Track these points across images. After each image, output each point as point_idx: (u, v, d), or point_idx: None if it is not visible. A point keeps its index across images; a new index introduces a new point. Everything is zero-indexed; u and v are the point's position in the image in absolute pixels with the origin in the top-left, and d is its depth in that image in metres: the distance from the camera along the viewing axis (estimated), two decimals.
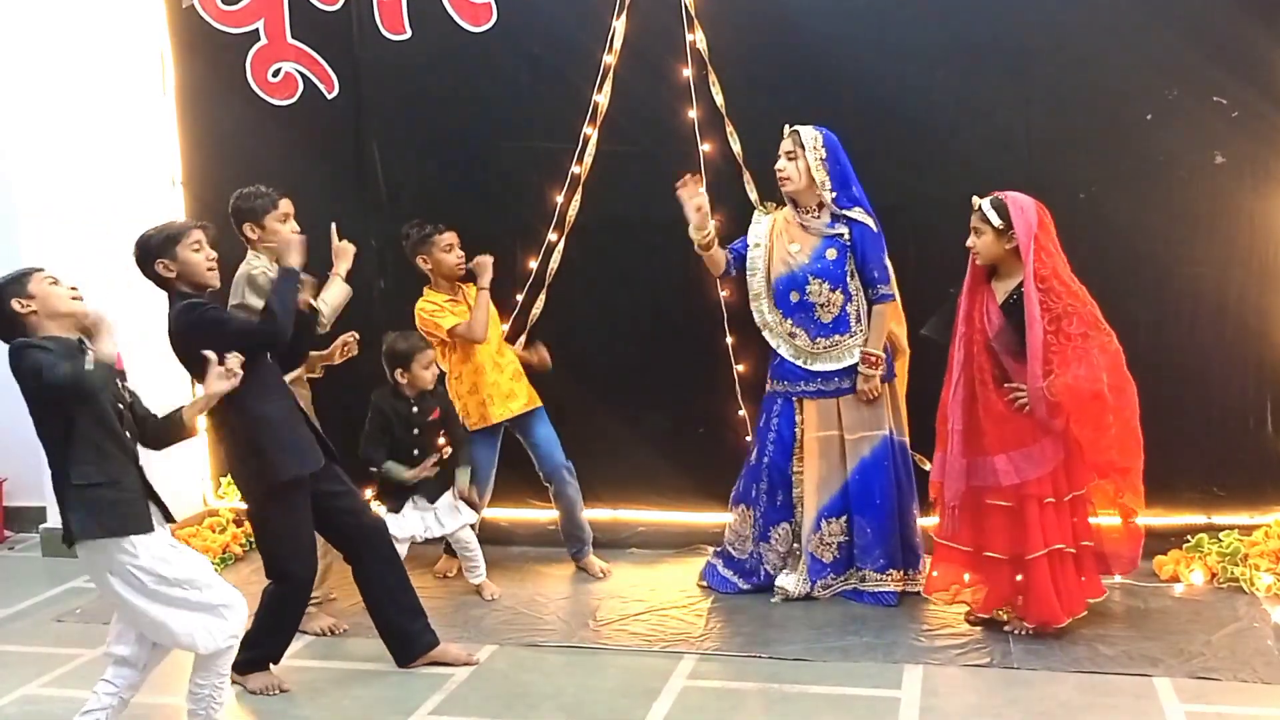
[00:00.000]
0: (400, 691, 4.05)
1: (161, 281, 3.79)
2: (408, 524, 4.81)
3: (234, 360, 3.56)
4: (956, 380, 4.35)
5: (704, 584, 4.96)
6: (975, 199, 4.26)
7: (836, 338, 4.64)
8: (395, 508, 4.80)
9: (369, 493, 5.57)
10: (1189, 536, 4.91)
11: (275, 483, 3.91)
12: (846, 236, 4.63)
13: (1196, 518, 5.00)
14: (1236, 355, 4.92)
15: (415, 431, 4.77)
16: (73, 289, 3.39)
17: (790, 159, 4.61)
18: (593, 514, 5.39)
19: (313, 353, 4.49)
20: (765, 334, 4.74)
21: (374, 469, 4.73)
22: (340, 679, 4.17)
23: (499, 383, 5.03)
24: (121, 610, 3.44)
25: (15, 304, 3.33)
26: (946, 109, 4.94)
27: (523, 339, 5.29)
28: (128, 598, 3.35)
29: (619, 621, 4.62)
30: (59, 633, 4.68)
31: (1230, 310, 4.89)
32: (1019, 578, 4.30)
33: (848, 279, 4.64)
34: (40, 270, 3.41)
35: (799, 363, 4.68)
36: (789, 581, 4.75)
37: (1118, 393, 4.16)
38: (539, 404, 5.14)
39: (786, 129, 4.63)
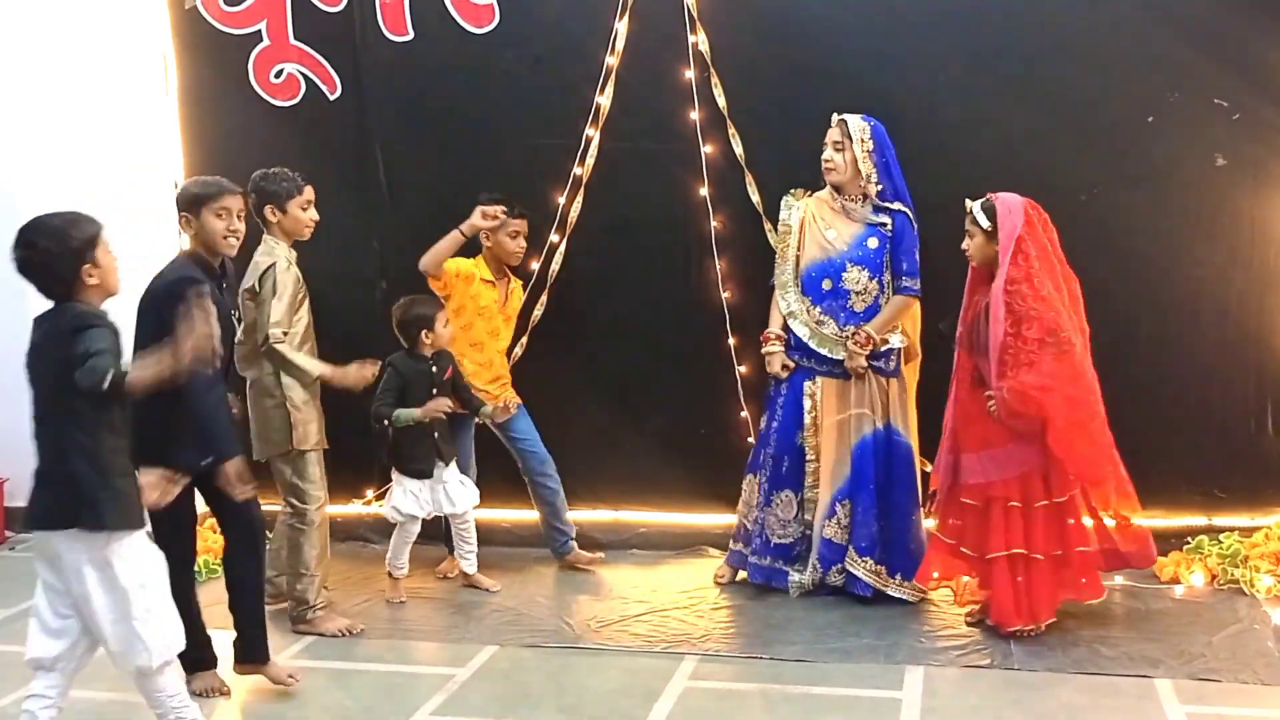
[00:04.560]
0: (401, 691, 4.05)
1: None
2: (421, 501, 4.83)
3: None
4: (953, 379, 4.43)
5: (723, 577, 4.98)
6: (968, 201, 4.30)
7: (862, 325, 4.65)
8: (425, 471, 4.81)
9: (370, 493, 5.61)
10: (1189, 538, 4.92)
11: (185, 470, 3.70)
12: (889, 227, 4.65)
13: (1197, 519, 5.00)
14: (1237, 357, 4.92)
15: (435, 390, 4.78)
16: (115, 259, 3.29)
17: (838, 150, 4.63)
18: (594, 515, 5.40)
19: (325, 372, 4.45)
20: (791, 322, 4.75)
21: (385, 421, 4.70)
22: (341, 679, 4.17)
23: (478, 374, 5.02)
24: (87, 607, 3.25)
25: (85, 273, 3.20)
26: (948, 111, 4.94)
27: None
28: (104, 592, 3.22)
29: (620, 622, 4.62)
30: None
31: (1231, 312, 4.90)
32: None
33: (884, 270, 4.66)
34: (102, 228, 3.25)
35: (823, 351, 4.69)
36: (803, 576, 4.78)
37: (1071, 404, 4.13)
38: (518, 402, 5.14)
39: (835, 118, 4.64)
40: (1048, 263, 4.20)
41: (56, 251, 3.20)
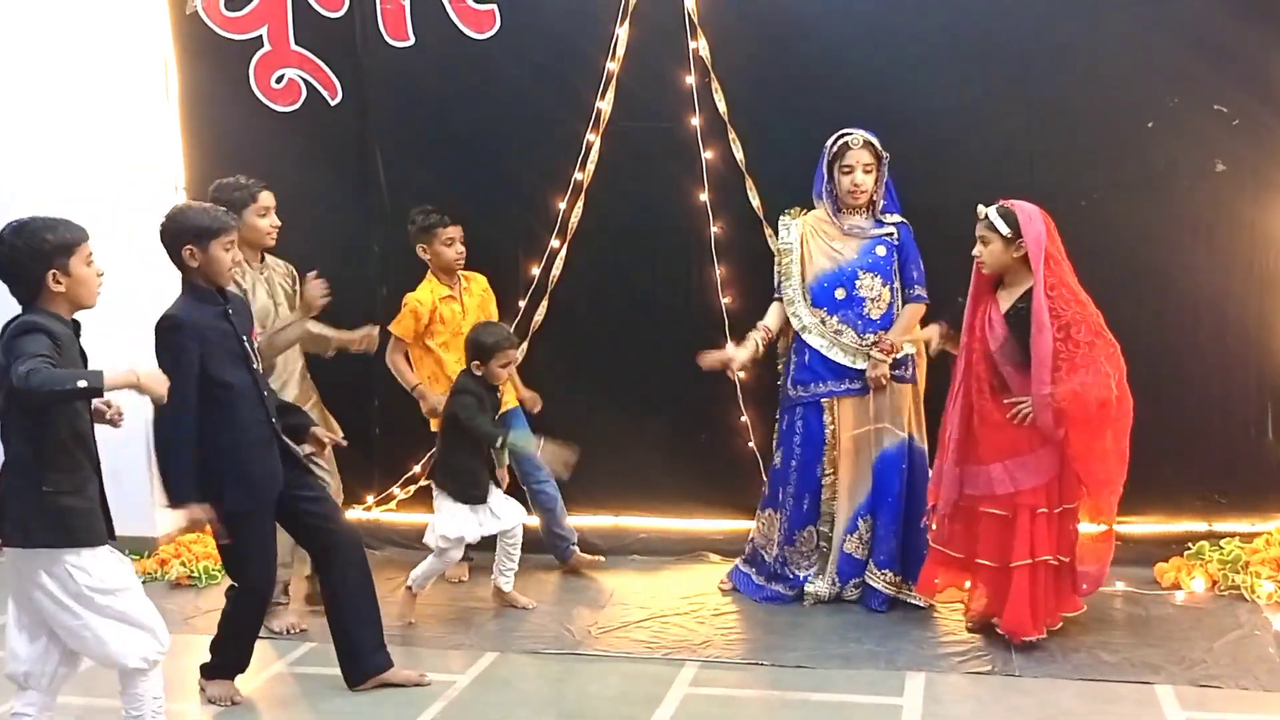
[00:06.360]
0: (401, 698, 4.04)
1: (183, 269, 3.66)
2: (468, 524, 4.67)
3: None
4: (956, 389, 4.38)
5: (725, 586, 4.96)
6: (981, 208, 4.24)
7: (882, 333, 4.64)
8: (480, 496, 4.67)
9: (370, 499, 5.61)
10: (1190, 544, 4.91)
11: (228, 513, 3.77)
12: (895, 236, 4.67)
13: (1198, 525, 5.00)
14: (1237, 362, 4.92)
15: (494, 418, 4.74)
16: (100, 274, 3.24)
17: (867, 172, 4.61)
18: (594, 520, 5.40)
19: (334, 334, 4.67)
20: (806, 337, 4.71)
21: (500, 442, 4.60)
22: (341, 685, 4.14)
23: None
24: (54, 621, 3.23)
25: (51, 279, 3.12)
26: (948, 117, 4.94)
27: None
28: (67, 606, 3.18)
29: (620, 629, 4.61)
30: None
31: (1231, 317, 4.90)
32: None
33: (893, 277, 4.67)
34: (87, 239, 3.19)
35: (845, 361, 4.65)
36: (819, 587, 4.75)
37: (1120, 404, 4.16)
38: (514, 404, 5.11)
39: (859, 139, 4.58)
40: (1068, 266, 4.20)
41: (25, 250, 3.15)
